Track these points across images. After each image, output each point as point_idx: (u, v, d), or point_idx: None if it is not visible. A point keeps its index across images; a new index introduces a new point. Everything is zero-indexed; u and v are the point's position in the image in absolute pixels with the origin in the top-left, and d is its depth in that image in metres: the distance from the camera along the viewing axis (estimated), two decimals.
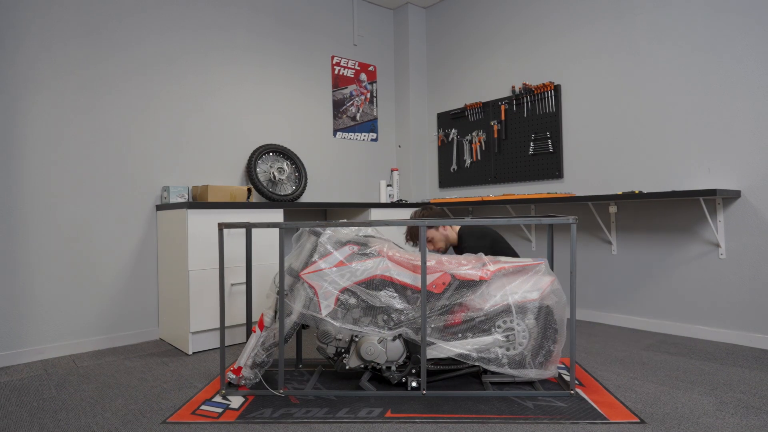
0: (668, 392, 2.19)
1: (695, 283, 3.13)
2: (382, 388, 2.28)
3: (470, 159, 4.45)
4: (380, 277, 2.25)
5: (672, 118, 3.22)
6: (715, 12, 3.03)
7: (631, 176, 3.43)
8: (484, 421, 1.93)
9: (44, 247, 2.98)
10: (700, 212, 3.10)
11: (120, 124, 3.28)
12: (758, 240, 2.88)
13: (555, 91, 3.83)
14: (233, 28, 3.82)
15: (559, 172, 3.82)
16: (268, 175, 3.86)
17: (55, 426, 1.98)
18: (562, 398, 2.14)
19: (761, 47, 2.86)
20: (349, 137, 4.56)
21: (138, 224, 3.32)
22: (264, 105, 3.99)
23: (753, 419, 1.90)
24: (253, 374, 2.30)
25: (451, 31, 4.66)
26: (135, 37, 3.35)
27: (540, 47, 3.96)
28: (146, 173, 3.37)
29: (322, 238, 2.32)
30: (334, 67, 4.47)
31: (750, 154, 2.91)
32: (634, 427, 1.86)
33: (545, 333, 2.19)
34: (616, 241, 3.51)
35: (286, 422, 1.96)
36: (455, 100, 4.63)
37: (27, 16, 2.96)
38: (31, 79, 2.97)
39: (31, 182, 2.95)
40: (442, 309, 2.20)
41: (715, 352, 2.78)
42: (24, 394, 2.36)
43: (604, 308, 3.59)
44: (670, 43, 3.23)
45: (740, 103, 2.94)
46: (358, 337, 2.26)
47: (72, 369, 2.74)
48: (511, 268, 2.24)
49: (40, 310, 2.96)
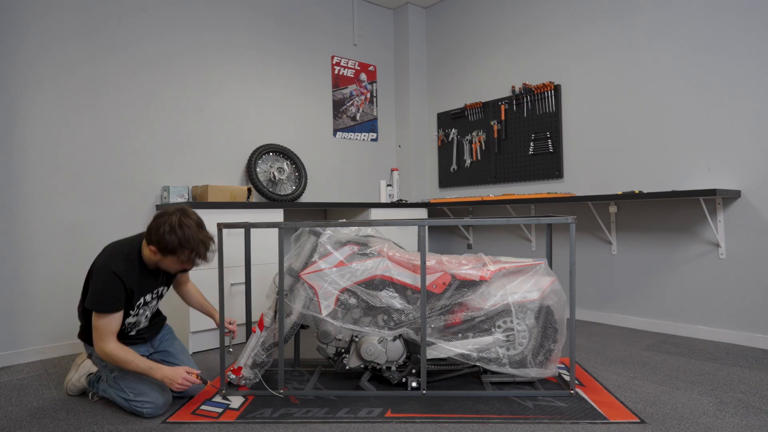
0: (668, 392, 2.19)
1: (695, 283, 3.13)
2: (382, 388, 2.28)
3: (470, 159, 4.45)
4: (380, 277, 2.25)
5: (672, 118, 3.22)
6: (716, 12, 3.03)
7: (631, 176, 3.43)
8: (484, 421, 1.93)
9: (44, 247, 2.98)
10: (700, 212, 3.10)
11: (120, 123, 3.28)
12: (758, 240, 2.88)
13: (555, 91, 3.83)
14: (233, 27, 3.82)
15: (559, 172, 3.82)
16: (268, 175, 3.86)
17: (55, 426, 1.98)
18: (562, 398, 2.14)
19: (761, 47, 2.86)
20: (349, 137, 4.56)
21: (138, 224, 3.32)
22: (264, 105, 3.99)
23: (753, 419, 1.90)
24: (253, 374, 2.30)
25: (451, 31, 4.66)
26: (135, 36, 3.35)
27: (540, 47, 3.96)
28: (146, 173, 3.37)
29: (322, 238, 2.32)
30: (334, 67, 4.47)
31: (750, 154, 2.91)
32: (634, 427, 1.86)
33: (545, 333, 2.19)
34: (616, 241, 3.51)
35: (286, 422, 1.96)
36: (455, 100, 4.63)
37: (27, 16, 2.96)
38: (31, 79, 2.97)
39: (31, 182, 2.95)
40: (442, 309, 2.20)
41: (715, 352, 2.78)
42: (24, 394, 2.36)
43: (604, 308, 3.59)
44: (670, 43, 3.23)
45: (740, 103, 2.94)
46: (358, 337, 2.26)
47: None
48: (511, 268, 2.24)
49: (40, 310, 2.96)
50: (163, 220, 1.92)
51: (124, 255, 2.00)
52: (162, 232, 1.89)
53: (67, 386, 2.29)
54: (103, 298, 1.93)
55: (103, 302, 1.93)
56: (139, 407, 2.00)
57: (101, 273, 1.94)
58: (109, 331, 1.94)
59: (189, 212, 1.97)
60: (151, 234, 1.94)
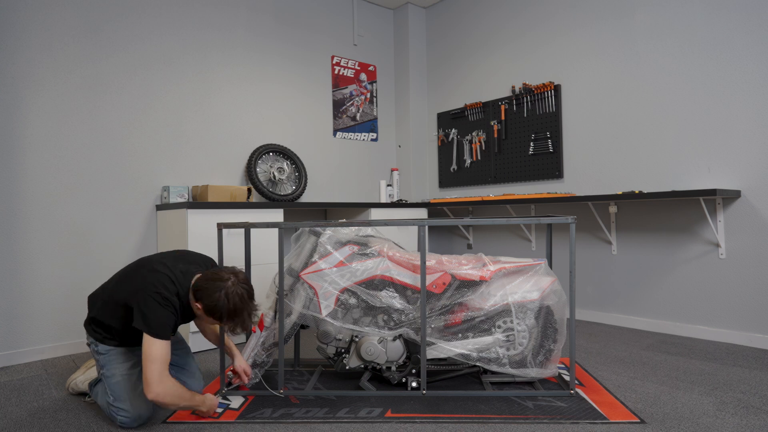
0: (668, 392, 2.19)
1: (695, 283, 3.13)
2: (382, 388, 2.28)
3: (470, 159, 4.45)
4: (380, 277, 2.25)
5: (672, 118, 3.22)
6: (715, 11, 3.03)
7: (631, 176, 3.43)
8: (484, 421, 1.93)
9: (44, 247, 2.98)
10: (700, 212, 3.10)
11: (120, 123, 3.28)
12: (758, 240, 2.88)
13: (555, 90, 3.83)
14: (233, 27, 3.82)
15: (559, 172, 3.82)
16: (268, 175, 3.86)
17: (55, 426, 1.98)
18: (562, 398, 2.14)
19: (761, 47, 2.86)
20: (349, 137, 4.56)
21: (138, 224, 3.32)
22: (264, 105, 3.99)
23: (753, 419, 1.90)
24: (253, 374, 2.30)
25: (451, 31, 4.66)
26: (135, 36, 3.35)
27: (540, 47, 3.96)
28: (146, 173, 3.37)
29: (322, 238, 2.32)
30: (334, 66, 4.47)
31: (750, 154, 2.91)
32: (634, 427, 1.86)
33: (545, 333, 2.19)
34: (616, 241, 3.51)
35: (286, 422, 1.96)
36: (455, 100, 4.63)
37: (27, 15, 2.96)
38: (31, 79, 2.97)
39: (31, 182, 2.95)
40: (442, 309, 2.20)
41: (714, 352, 2.78)
42: (24, 394, 2.36)
43: (604, 308, 3.59)
44: (670, 43, 3.22)
45: (740, 103, 2.94)
46: (358, 337, 2.26)
47: (72, 369, 2.74)
48: (511, 268, 2.24)
49: (40, 310, 2.96)
50: (217, 287, 1.87)
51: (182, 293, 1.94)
52: (215, 299, 1.85)
53: (69, 384, 2.29)
54: (163, 324, 1.84)
55: (163, 328, 1.84)
56: (115, 412, 1.92)
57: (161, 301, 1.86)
58: (166, 360, 1.84)
59: (242, 278, 1.93)
60: (201, 294, 1.88)
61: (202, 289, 1.89)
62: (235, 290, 1.88)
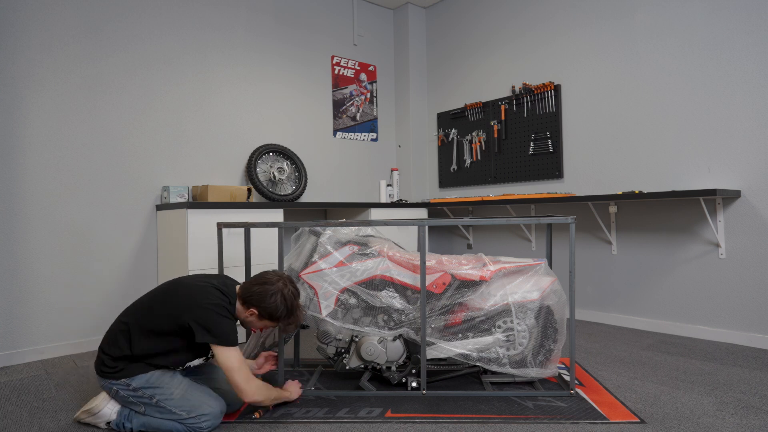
0: (668, 392, 2.19)
1: (695, 283, 3.13)
2: (382, 388, 2.27)
3: (470, 159, 4.45)
4: (380, 277, 2.25)
5: (672, 118, 3.22)
6: (715, 11, 3.03)
7: (631, 176, 3.43)
8: (484, 421, 1.93)
9: (44, 247, 2.98)
10: (700, 212, 3.10)
11: (120, 123, 3.28)
12: (758, 240, 2.88)
13: (555, 91, 3.83)
14: (233, 27, 3.82)
15: (559, 172, 3.82)
16: (268, 174, 3.86)
17: (55, 426, 1.98)
18: (562, 398, 2.14)
19: (761, 47, 2.86)
20: (349, 137, 4.56)
21: (138, 224, 3.32)
22: (264, 105, 3.99)
23: (753, 419, 1.90)
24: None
25: (451, 31, 4.66)
26: (135, 36, 3.35)
27: (540, 47, 3.96)
28: (146, 173, 3.37)
29: (322, 238, 2.32)
30: (334, 66, 4.46)
31: (750, 154, 2.91)
32: (634, 427, 1.86)
33: (545, 333, 2.19)
34: (616, 241, 3.51)
35: (286, 422, 1.96)
36: (455, 100, 4.63)
37: (27, 15, 2.96)
38: (31, 79, 2.97)
39: (31, 182, 2.95)
40: (442, 309, 2.20)
41: (714, 352, 2.78)
42: (24, 394, 2.35)
43: (604, 308, 3.59)
44: (670, 42, 3.23)
45: (740, 103, 2.94)
46: (358, 337, 2.26)
47: (72, 369, 2.74)
48: (511, 268, 2.24)
49: (40, 310, 2.96)
50: (271, 290, 1.94)
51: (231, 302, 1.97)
52: (271, 302, 1.93)
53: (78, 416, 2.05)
54: (230, 332, 1.88)
55: (232, 335, 1.89)
56: (197, 423, 1.87)
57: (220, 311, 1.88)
58: (244, 363, 1.89)
59: (287, 278, 2.02)
60: (254, 299, 1.94)
61: (254, 294, 1.94)
62: (288, 290, 1.98)
